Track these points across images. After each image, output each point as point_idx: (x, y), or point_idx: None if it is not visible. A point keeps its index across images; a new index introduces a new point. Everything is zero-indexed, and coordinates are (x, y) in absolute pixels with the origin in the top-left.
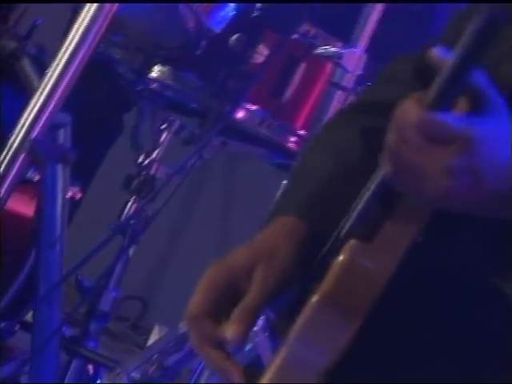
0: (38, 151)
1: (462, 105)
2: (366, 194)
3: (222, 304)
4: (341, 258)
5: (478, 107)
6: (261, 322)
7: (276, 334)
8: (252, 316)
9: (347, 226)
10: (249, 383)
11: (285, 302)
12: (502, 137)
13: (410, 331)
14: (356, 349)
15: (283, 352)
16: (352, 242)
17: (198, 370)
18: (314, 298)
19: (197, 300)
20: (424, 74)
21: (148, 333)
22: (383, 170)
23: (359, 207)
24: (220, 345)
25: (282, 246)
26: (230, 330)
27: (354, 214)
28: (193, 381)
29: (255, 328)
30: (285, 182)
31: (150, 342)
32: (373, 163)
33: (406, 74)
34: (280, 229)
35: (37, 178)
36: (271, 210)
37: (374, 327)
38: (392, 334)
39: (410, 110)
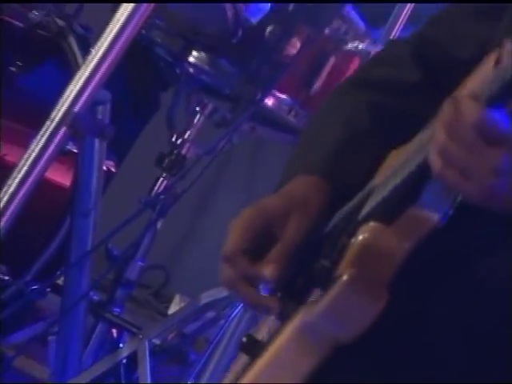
0: (79, 125)
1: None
2: (392, 180)
3: (257, 244)
4: (364, 237)
5: None
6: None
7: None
8: (287, 258)
9: (366, 209)
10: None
11: (289, 282)
12: None
13: (423, 314)
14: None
15: (296, 324)
16: (373, 224)
17: (216, 340)
18: (344, 277)
19: (233, 239)
20: (422, 58)
21: (169, 301)
22: (431, 164)
23: (384, 192)
24: (253, 283)
25: (314, 197)
26: (266, 269)
27: (377, 198)
28: (209, 350)
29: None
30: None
31: (171, 310)
32: (380, 136)
33: (404, 57)
34: (308, 183)
35: (75, 150)
36: (286, 169)
37: (387, 310)
38: (401, 318)
39: (467, 108)
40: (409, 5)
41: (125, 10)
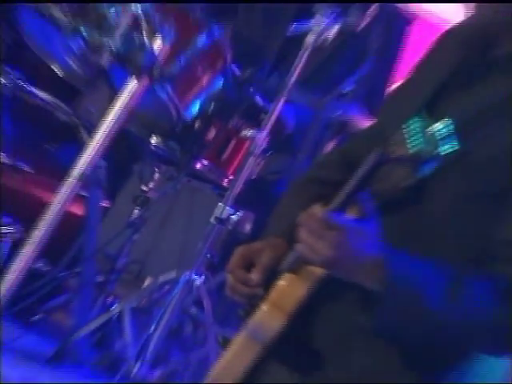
0: (87, 180)
1: (354, 211)
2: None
3: (244, 265)
4: (281, 282)
5: (361, 215)
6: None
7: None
8: (265, 273)
9: (285, 263)
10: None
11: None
12: (369, 235)
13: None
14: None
15: (244, 332)
16: (287, 274)
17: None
18: (264, 307)
19: (233, 259)
20: (343, 166)
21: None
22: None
23: (291, 256)
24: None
25: (280, 245)
26: (253, 275)
27: (289, 258)
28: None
29: None
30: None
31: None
32: None
33: (332, 165)
34: (278, 239)
35: (85, 194)
36: (266, 230)
37: (299, 324)
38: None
39: (315, 212)
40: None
41: (118, 105)
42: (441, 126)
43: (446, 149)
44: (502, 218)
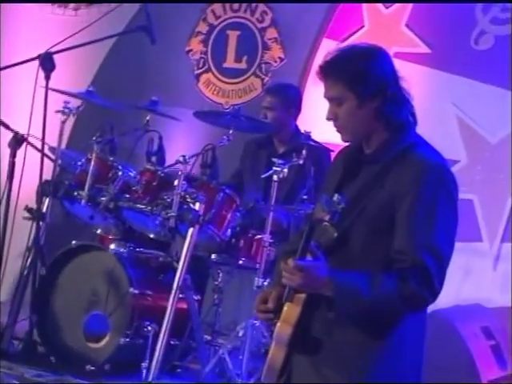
0: (182, 288)
1: (310, 255)
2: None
3: (263, 302)
4: (285, 308)
5: (313, 256)
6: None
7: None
8: (274, 303)
9: (284, 296)
10: None
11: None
12: (319, 267)
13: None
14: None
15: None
16: (287, 303)
17: None
18: (278, 323)
19: (257, 300)
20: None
21: None
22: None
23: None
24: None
25: (279, 288)
26: (269, 305)
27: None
28: None
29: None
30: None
31: None
32: None
33: (294, 240)
34: (276, 286)
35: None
36: (272, 282)
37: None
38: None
39: (289, 262)
40: None
41: (187, 243)
42: (336, 196)
43: (340, 207)
44: (393, 238)
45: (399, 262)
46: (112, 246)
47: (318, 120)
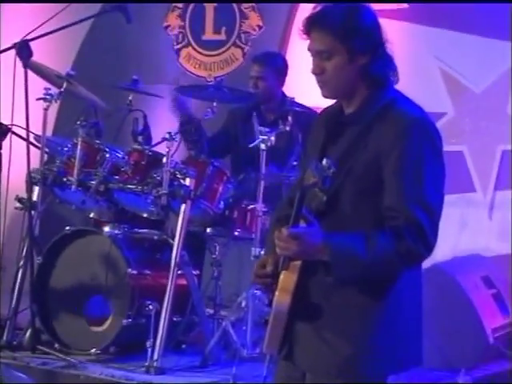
0: (180, 264)
1: (303, 221)
2: None
3: (261, 267)
4: (281, 277)
5: (307, 223)
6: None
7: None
8: (272, 267)
9: (280, 264)
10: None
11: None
12: (314, 233)
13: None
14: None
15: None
16: (283, 271)
17: None
18: (276, 292)
19: (256, 266)
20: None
21: None
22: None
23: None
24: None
25: (274, 255)
26: (267, 268)
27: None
28: None
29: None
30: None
31: None
32: None
33: (286, 204)
34: (271, 253)
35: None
36: (267, 250)
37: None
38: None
39: (282, 230)
40: None
41: (180, 218)
42: (325, 161)
43: (331, 172)
44: (382, 195)
45: (391, 219)
46: (106, 229)
47: (300, 85)
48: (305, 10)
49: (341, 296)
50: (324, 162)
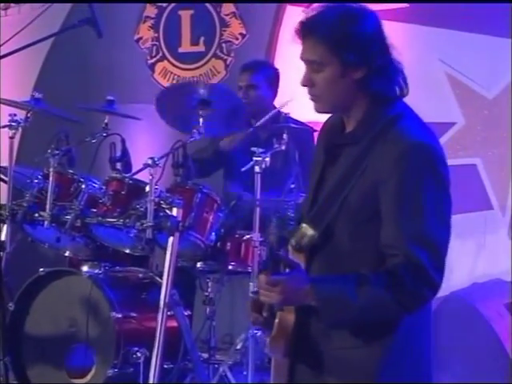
0: (170, 304)
1: (283, 266)
2: None
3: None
4: (276, 320)
5: (290, 268)
6: None
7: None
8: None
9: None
10: None
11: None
12: (297, 278)
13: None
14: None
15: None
16: (279, 313)
17: None
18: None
19: (250, 308)
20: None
21: None
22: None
23: None
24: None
25: None
26: (264, 313)
27: None
28: None
29: None
30: None
31: None
32: None
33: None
34: None
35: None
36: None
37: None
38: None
39: (261, 279)
40: None
41: (168, 253)
42: (304, 226)
43: (307, 240)
44: (380, 230)
45: (390, 257)
46: (85, 269)
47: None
48: (292, 14)
49: (341, 338)
50: (303, 226)
